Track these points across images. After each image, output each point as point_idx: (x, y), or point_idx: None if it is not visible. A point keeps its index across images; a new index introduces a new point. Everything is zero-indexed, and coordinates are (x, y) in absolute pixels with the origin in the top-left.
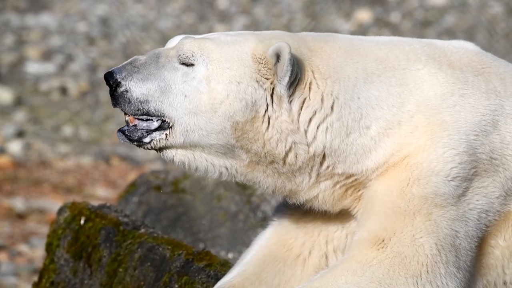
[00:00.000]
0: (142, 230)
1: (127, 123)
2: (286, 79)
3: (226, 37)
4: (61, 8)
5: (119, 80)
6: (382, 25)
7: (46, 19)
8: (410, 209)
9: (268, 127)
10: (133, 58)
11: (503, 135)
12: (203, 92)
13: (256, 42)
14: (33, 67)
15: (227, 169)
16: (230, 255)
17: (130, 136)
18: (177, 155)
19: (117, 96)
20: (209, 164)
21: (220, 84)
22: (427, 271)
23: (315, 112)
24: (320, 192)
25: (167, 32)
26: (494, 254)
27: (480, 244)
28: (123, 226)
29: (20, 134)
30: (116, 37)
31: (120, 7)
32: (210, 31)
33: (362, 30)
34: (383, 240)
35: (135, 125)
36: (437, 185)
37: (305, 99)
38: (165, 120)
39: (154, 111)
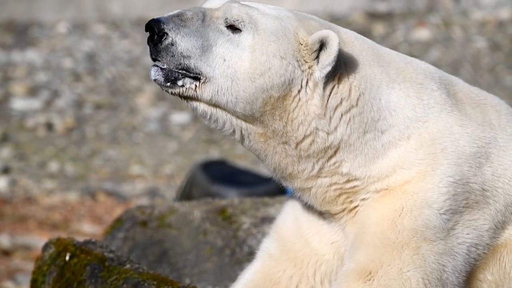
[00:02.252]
0: (128, 266)
1: (160, 62)
2: (329, 68)
3: (269, 10)
4: (47, 45)
5: (166, 30)
6: None
7: (32, 55)
8: (399, 241)
9: (296, 107)
10: (179, 11)
11: (495, 167)
12: (245, 60)
13: (297, 21)
14: (19, 103)
15: (242, 130)
16: None
17: (167, 75)
18: (201, 106)
19: (160, 49)
20: (228, 120)
21: (264, 55)
22: None
23: (342, 101)
24: (314, 186)
25: None
26: None
27: (468, 278)
28: (109, 261)
29: (5, 170)
30: (102, 73)
31: (106, 43)
32: None
33: None
34: (370, 273)
35: (171, 67)
36: (429, 217)
37: (334, 86)
38: (200, 77)
39: (193, 68)
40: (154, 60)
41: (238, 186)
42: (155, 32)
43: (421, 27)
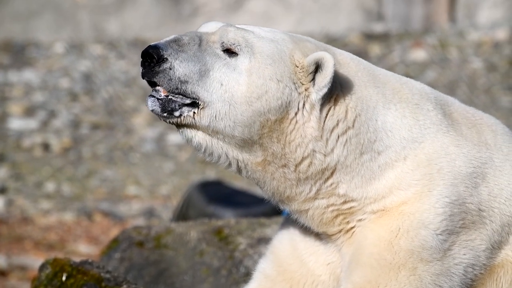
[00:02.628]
0: (124, 286)
1: (157, 91)
2: (325, 90)
3: (265, 33)
4: (44, 65)
5: (165, 56)
6: None
7: (29, 75)
8: (395, 262)
9: (293, 130)
10: (175, 36)
11: (491, 187)
12: (242, 84)
13: (293, 44)
14: (16, 123)
15: (238, 162)
16: None
17: (164, 105)
18: (197, 137)
19: (158, 71)
20: (224, 153)
21: (261, 79)
22: None
23: (338, 122)
24: (311, 208)
25: (149, 88)
26: None
27: None
28: (105, 282)
29: (2, 190)
30: (98, 93)
31: (102, 63)
32: None
33: None
34: None
35: (167, 96)
36: (425, 238)
37: (330, 108)
38: (197, 102)
39: (190, 93)
40: (148, 82)
41: (235, 207)
42: (154, 58)
43: (417, 47)
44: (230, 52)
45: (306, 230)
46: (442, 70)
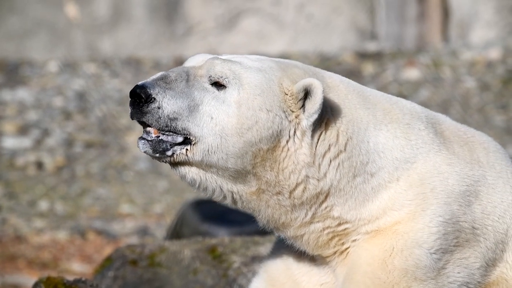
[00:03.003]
0: None
1: (147, 133)
2: (315, 116)
3: (252, 62)
4: (38, 83)
5: (153, 95)
6: None
7: (23, 94)
8: (389, 281)
9: (285, 157)
10: (162, 73)
11: (484, 205)
12: (231, 116)
13: (281, 71)
14: (9, 142)
15: (233, 194)
16: None
17: (155, 147)
18: (190, 173)
19: (146, 111)
20: (218, 187)
21: (251, 110)
22: None
23: (330, 147)
24: (307, 233)
25: None
26: None
27: None
28: None
29: None
30: (92, 112)
31: (96, 82)
32: None
33: None
34: None
35: (158, 137)
36: (419, 257)
37: (321, 133)
38: (189, 138)
39: (181, 129)
40: (139, 122)
41: (229, 225)
42: (142, 98)
43: (411, 67)
44: (218, 85)
45: (300, 251)
46: (436, 89)
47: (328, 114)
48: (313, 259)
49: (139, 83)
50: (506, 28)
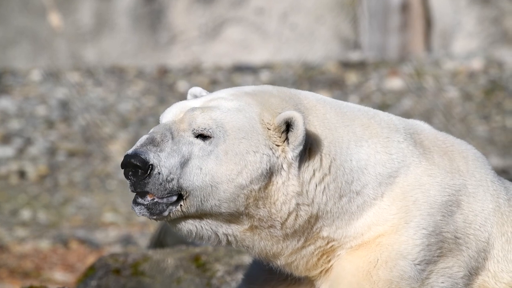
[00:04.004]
0: None
1: (142, 197)
2: (300, 148)
3: (229, 103)
4: (20, 92)
5: (150, 162)
6: None
7: (5, 103)
8: None
9: (275, 190)
10: (147, 137)
11: (466, 214)
12: (220, 164)
13: (259, 106)
14: None
15: (227, 236)
16: None
17: (152, 210)
18: (186, 225)
19: (149, 181)
20: (213, 233)
21: (238, 155)
22: None
23: (314, 172)
24: (297, 259)
25: (127, 115)
26: None
27: None
28: None
29: None
30: (75, 120)
31: (80, 90)
32: None
33: None
34: None
35: (153, 199)
36: (403, 268)
37: (305, 160)
38: (181, 193)
39: (176, 188)
40: (139, 193)
41: None
42: (140, 167)
43: (394, 76)
44: (203, 136)
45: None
46: (418, 99)
47: (310, 139)
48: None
49: (130, 152)
50: (488, 38)
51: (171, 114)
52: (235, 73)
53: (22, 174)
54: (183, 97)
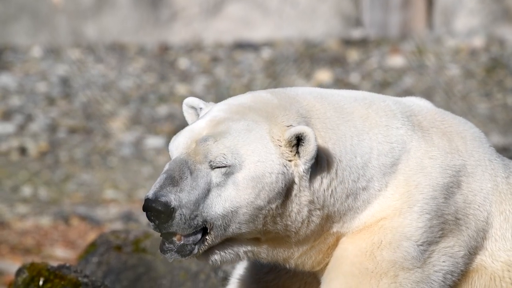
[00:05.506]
0: None
1: (167, 239)
2: (312, 161)
3: (237, 124)
4: (21, 69)
5: (172, 205)
6: (342, 86)
7: (6, 79)
8: (377, 271)
9: (290, 203)
10: (166, 176)
11: (466, 194)
12: (238, 189)
13: (267, 122)
14: None
15: (247, 253)
16: None
17: (181, 252)
18: (212, 256)
19: (172, 224)
20: (236, 254)
21: (255, 179)
22: None
23: (322, 179)
24: (306, 258)
25: (128, 92)
26: None
27: None
28: (83, 286)
29: None
30: (76, 97)
31: (81, 67)
32: (171, 91)
33: None
34: None
35: (181, 242)
36: (407, 249)
37: (314, 169)
38: (206, 227)
39: (201, 223)
40: (165, 235)
41: None
42: (161, 211)
43: (395, 54)
44: (220, 166)
45: None
46: (420, 76)
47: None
48: None
49: (150, 195)
50: (489, 16)
51: (182, 145)
52: (236, 50)
53: (22, 150)
54: (184, 74)
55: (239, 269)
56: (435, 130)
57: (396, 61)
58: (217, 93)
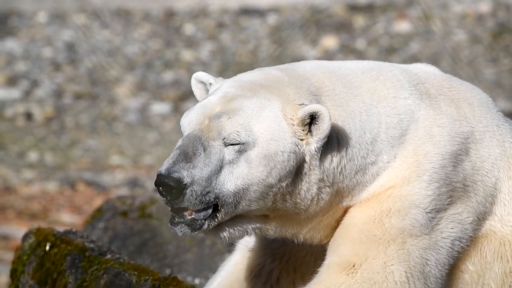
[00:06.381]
0: (108, 256)
1: (178, 214)
2: (325, 140)
3: (250, 102)
4: (27, 34)
5: (184, 182)
6: (348, 52)
7: (12, 44)
8: (385, 237)
9: (300, 181)
10: (179, 152)
11: (474, 161)
12: (251, 167)
13: (279, 100)
14: None
15: (255, 230)
16: (197, 281)
17: (192, 226)
18: (221, 233)
19: (184, 200)
20: (244, 231)
21: (267, 157)
22: None
23: (332, 158)
24: (315, 232)
25: (133, 58)
26: (464, 278)
27: (451, 270)
28: (89, 252)
29: None
30: (82, 63)
31: (86, 32)
32: (176, 57)
33: (328, 56)
34: (354, 266)
35: (191, 216)
36: (415, 217)
37: (324, 148)
38: (217, 203)
39: (213, 200)
40: (176, 210)
41: None
42: (173, 187)
43: (402, 19)
44: (233, 144)
45: None
46: (426, 42)
47: None
48: None
49: (163, 171)
50: None
51: (195, 121)
52: (241, 16)
53: (28, 116)
54: (189, 40)
55: (246, 236)
56: (442, 97)
57: (403, 26)
58: (222, 59)
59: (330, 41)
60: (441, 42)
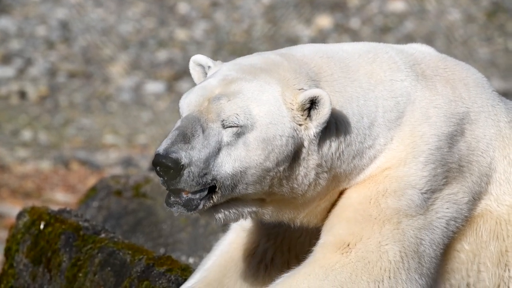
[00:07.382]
0: (103, 235)
1: (174, 193)
2: (324, 125)
3: (249, 84)
4: (21, 12)
5: (182, 163)
6: (342, 31)
7: (5, 22)
8: (381, 217)
9: (297, 166)
10: (177, 133)
11: (469, 142)
12: (249, 150)
13: (279, 84)
14: None
15: (251, 214)
16: (191, 260)
17: (187, 206)
18: (216, 215)
19: (181, 180)
20: (240, 214)
21: (265, 141)
22: (389, 277)
23: (331, 143)
24: (312, 216)
25: (127, 36)
26: (460, 258)
27: (446, 249)
28: (83, 230)
29: None
30: (76, 41)
31: (80, 11)
32: (170, 36)
33: (322, 36)
34: (348, 245)
35: (187, 196)
36: (411, 197)
37: (322, 133)
38: (214, 185)
39: (210, 181)
40: (172, 190)
41: None
42: (171, 167)
43: None
44: (232, 126)
45: None
46: (421, 21)
47: None
48: None
49: (161, 151)
50: None
51: (194, 102)
52: None
53: (22, 94)
54: (183, 19)
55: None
56: (438, 78)
57: (397, 5)
58: (216, 38)
59: (324, 21)
60: (436, 21)
